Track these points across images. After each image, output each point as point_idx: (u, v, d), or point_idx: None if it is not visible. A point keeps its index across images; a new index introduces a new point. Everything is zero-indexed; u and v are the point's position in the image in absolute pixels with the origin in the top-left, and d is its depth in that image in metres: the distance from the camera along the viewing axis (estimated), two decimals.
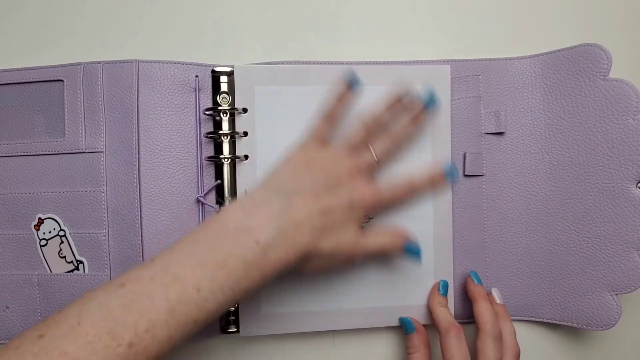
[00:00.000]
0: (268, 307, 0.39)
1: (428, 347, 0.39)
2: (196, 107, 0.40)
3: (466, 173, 0.41)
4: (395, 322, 0.41)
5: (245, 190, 0.39)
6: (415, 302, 0.41)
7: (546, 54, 0.41)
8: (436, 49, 0.43)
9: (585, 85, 0.39)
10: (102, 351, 0.25)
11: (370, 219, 0.39)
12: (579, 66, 0.40)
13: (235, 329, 0.40)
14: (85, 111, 0.39)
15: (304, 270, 0.33)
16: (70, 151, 0.39)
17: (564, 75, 0.40)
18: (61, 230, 0.39)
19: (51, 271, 0.39)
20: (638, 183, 0.38)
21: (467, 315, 0.41)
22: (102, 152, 0.39)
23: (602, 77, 0.39)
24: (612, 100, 0.39)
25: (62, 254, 0.39)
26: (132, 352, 0.25)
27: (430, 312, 0.40)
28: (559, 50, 0.41)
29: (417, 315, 0.41)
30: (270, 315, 0.39)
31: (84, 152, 0.39)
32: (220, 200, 0.40)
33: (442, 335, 0.37)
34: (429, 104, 0.38)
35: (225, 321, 0.40)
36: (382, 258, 0.40)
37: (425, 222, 0.40)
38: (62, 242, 0.39)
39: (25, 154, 0.39)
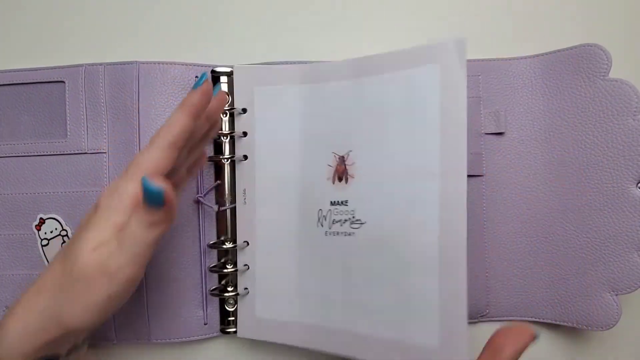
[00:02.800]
0: (262, 312, 0.39)
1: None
2: None
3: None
4: None
5: (244, 190, 0.39)
6: (416, 340, 0.32)
7: (546, 54, 0.41)
8: None
9: (585, 85, 0.39)
10: None
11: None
12: (579, 66, 0.40)
13: (234, 329, 0.40)
14: (87, 112, 0.40)
15: None
16: (72, 152, 0.40)
17: (564, 75, 0.40)
18: (63, 230, 0.40)
19: None
20: (638, 183, 0.38)
21: None
22: (105, 152, 0.40)
23: (602, 77, 0.39)
24: (612, 100, 0.38)
25: None
26: None
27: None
28: (559, 51, 0.40)
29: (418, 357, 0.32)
30: (265, 320, 0.39)
31: (86, 153, 0.40)
32: (220, 201, 0.40)
33: None
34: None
35: (225, 321, 0.40)
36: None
37: (428, 232, 0.31)
38: (64, 241, 0.40)
39: (27, 154, 0.40)
